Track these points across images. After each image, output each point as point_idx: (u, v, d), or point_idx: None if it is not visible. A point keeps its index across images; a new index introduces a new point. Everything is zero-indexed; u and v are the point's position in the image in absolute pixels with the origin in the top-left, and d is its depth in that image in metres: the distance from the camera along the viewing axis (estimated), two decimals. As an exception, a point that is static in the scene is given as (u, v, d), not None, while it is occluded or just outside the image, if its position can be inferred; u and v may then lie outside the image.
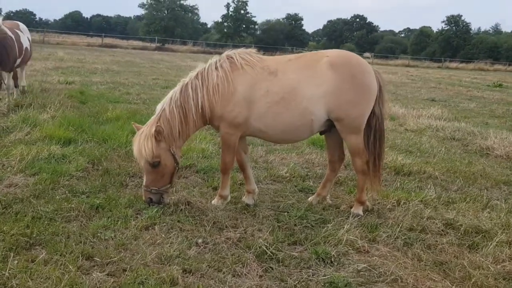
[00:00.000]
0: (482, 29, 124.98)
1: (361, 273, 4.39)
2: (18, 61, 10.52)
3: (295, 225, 5.35)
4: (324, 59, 5.48)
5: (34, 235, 4.57)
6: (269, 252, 4.60)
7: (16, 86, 11.41)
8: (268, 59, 5.67)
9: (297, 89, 5.38)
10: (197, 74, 5.53)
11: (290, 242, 4.95)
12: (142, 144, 5.30)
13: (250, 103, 5.38)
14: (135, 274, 4.01)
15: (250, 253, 4.59)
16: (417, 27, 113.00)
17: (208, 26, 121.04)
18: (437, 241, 5.15)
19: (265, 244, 4.70)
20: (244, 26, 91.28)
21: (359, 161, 5.75)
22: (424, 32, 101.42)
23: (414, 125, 12.21)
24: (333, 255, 4.63)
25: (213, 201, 5.83)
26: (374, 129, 5.75)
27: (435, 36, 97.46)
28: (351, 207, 5.92)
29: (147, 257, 4.33)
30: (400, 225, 5.41)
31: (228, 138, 5.57)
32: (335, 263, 4.54)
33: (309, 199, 6.23)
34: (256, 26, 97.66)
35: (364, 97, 5.51)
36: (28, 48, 11.01)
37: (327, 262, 4.54)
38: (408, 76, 35.79)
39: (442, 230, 5.43)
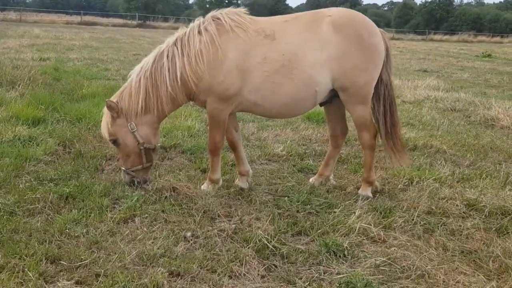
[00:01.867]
0: (465, 1, 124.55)
1: (380, 268, 3.71)
2: None
3: (297, 211, 4.65)
4: (325, 19, 4.72)
5: (-12, 234, 3.81)
6: (271, 246, 3.89)
7: None
8: (262, 21, 4.87)
9: (299, 55, 4.63)
10: (176, 39, 4.73)
11: (294, 233, 4.25)
12: (102, 120, 4.76)
13: (244, 73, 4.61)
14: (111, 281, 3.28)
15: (248, 247, 3.87)
16: (401, 0, 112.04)
17: (190, 2, 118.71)
18: (460, 225, 4.48)
19: (266, 236, 3.99)
20: (227, 1, 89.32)
21: (367, 135, 5.04)
22: (407, 5, 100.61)
23: (411, 97, 11.51)
24: (346, 247, 3.93)
25: (202, 186, 5.09)
26: (383, 98, 5.03)
27: (419, 9, 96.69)
28: (358, 188, 5.24)
29: (126, 258, 3.59)
30: (417, 208, 4.74)
31: (217, 114, 4.80)
32: (349, 257, 3.85)
33: (311, 180, 5.52)
34: (239, 1, 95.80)
35: (372, 61, 4.79)
36: None
37: (340, 256, 3.85)
38: (395, 48, 35.02)
39: (464, 213, 4.76)
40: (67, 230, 3.96)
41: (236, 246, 3.90)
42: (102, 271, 3.39)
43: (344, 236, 4.17)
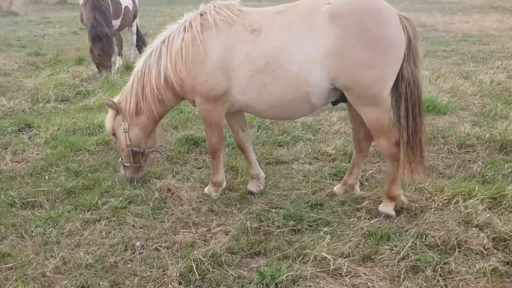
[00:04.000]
0: None
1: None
2: (117, 22, 10.35)
3: (278, 227, 4.15)
4: (323, 7, 3.96)
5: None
6: (203, 268, 3.56)
7: (119, 54, 10.93)
8: (253, 13, 4.31)
9: (284, 52, 4.00)
10: (166, 37, 4.51)
11: (249, 253, 3.83)
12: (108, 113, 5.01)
13: (228, 72, 4.18)
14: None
15: (177, 266, 3.60)
16: None
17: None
18: (466, 267, 3.50)
19: (200, 256, 3.64)
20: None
21: (385, 142, 4.19)
22: None
23: None
24: (283, 279, 3.39)
25: (205, 189, 4.87)
26: (405, 98, 4.05)
27: None
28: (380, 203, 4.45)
29: (50, 265, 3.65)
30: (424, 238, 3.83)
31: (207, 115, 4.50)
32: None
33: (335, 188, 4.86)
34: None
35: (381, 55, 3.89)
36: (130, 6, 10.74)
37: (266, 292, 3.34)
38: None
39: (486, 248, 3.70)
40: (33, 229, 4.17)
41: (170, 264, 3.65)
42: (14, 277, 3.50)
43: (303, 263, 3.61)
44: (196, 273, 3.51)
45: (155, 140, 5.04)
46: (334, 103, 4.42)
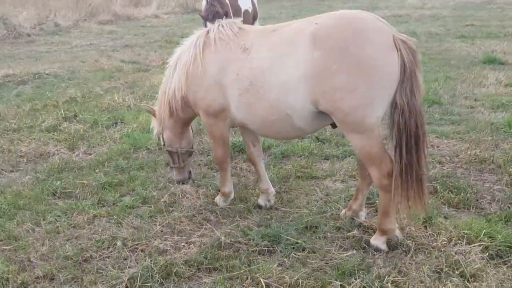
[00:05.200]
0: None
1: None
2: None
3: (250, 245, 4.12)
4: (309, 28, 3.77)
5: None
6: (149, 275, 3.76)
7: None
8: (251, 31, 4.27)
9: (267, 73, 3.92)
10: (181, 52, 4.70)
11: (209, 267, 3.89)
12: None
13: (223, 89, 4.25)
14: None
15: (132, 270, 3.83)
16: None
17: None
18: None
19: (151, 264, 3.83)
20: None
21: (375, 172, 3.86)
22: None
23: None
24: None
25: (215, 199, 5.02)
26: (398, 128, 3.66)
27: None
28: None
29: (39, 252, 4.18)
30: (383, 279, 3.49)
31: (210, 129, 4.64)
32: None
33: (342, 212, 4.62)
34: None
35: (363, 79, 3.54)
36: (249, 9, 10.95)
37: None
38: None
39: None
40: (48, 217, 4.78)
41: (132, 267, 3.93)
42: (3, 258, 4.11)
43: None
44: (139, 280, 3.71)
45: (188, 141, 5.20)
46: (334, 125, 4.18)
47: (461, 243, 3.90)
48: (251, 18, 11.00)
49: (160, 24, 21.27)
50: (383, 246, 4.02)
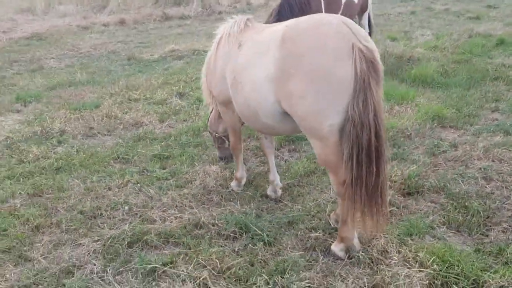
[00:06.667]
0: None
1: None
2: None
3: (220, 229, 4.38)
4: (282, 29, 3.79)
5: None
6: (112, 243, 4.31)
7: None
8: (253, 29, 4.40)
9: (245, 69, 4.07)
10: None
11: (171, 242, 4.29)
12: None
13: (226, 82, 4.49)
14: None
15: (111, 233, 4.45)
16: None
17: None
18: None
19: (117, 232, 4.37)
20: None
21: (332, 179, 3.81)
22: None
23: None
24: (152, 272, 3.85)
25: (231, 183, 5.33)
26: (348, 138, 3.49)
27: None
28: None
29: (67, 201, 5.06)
30: None
31: (224, 117, 5.00)
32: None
33: (331, 214, 4.54)
34: None
35: (314, 86, 3.47)
36: (355, 0, 10.25)
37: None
38: None
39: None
40: (92, 178, 5.63)
41: (115, 229, 4.52)
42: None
43: (183, 264, 3.91)
44: (112, 241, 4.29)
45: (225, 128, 5.60)
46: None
47: (412, 266, 3.60)
48: (356, 10, 9.91)
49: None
50: (341, 254, 3.92)
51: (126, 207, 4.92)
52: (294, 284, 3.53)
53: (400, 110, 7.29)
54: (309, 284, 3.52)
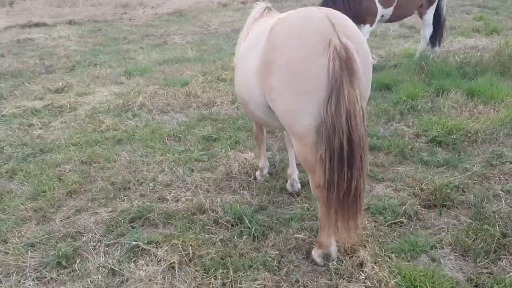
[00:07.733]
0: None
1: None
2: (388, 11, 8.55)
3: (218, 216, 4.43)
4: (273, 22, 3.67)
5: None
6: (117, 217, 4.57)
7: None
8: (263, 19, 4.31)
9: (242, 58, 4.05)
10: None
11: (168, 222, 4.46)
12: None
13: None
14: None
15: (122, 207, 4.73)
16: None
17: None
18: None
19: (127, 205, 4.61)
20: None
21: (310, 180, 3.62)
22: None
23: None
24: (135, 248, 4.07)
25: (256, 173, 5.30)
26: (324, 141, 3.27)
27: None
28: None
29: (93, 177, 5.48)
30: None
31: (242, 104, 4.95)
32: None
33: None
34: None
35: (288, 83, 3.33)
36: None
37: None
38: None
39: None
40: (139, 152, 5.98)
41: (130, 206, 4.76)
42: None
43: (168, 247, 4.06)
44: (119, 214, 4.58)
45: None
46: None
47: (372, 286, 3.31)
48: (415, 4, 8.79)
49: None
50: (318, 260, 3.75)
51: (151, 184, 5.17)
52: (254, 283, 3.47)
53: (483, 111, 6.52)
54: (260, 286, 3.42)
